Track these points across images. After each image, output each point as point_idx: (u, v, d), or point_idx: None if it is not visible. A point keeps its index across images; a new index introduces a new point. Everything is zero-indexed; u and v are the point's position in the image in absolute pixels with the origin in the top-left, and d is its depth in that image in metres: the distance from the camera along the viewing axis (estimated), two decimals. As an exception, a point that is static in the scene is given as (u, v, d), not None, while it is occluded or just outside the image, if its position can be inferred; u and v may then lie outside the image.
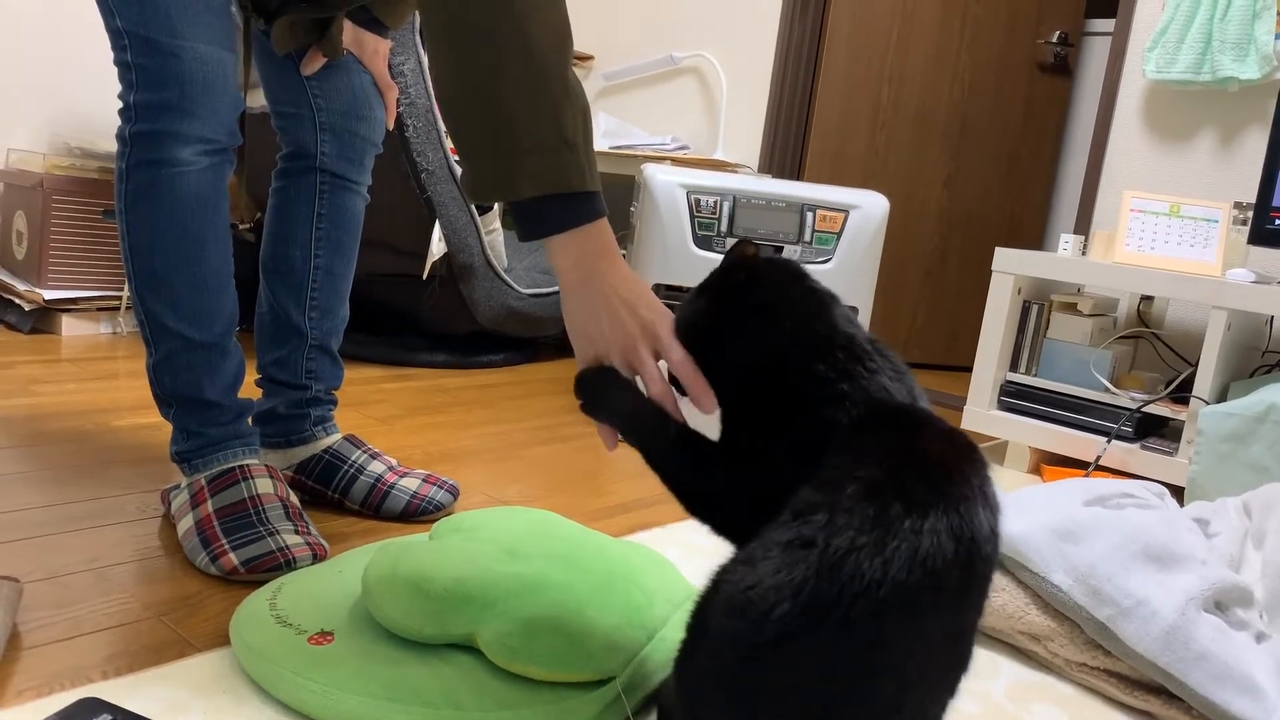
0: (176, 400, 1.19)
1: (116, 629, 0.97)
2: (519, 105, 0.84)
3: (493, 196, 0.87)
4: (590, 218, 0.87)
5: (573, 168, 0.86)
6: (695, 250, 1.87)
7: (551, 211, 0.86)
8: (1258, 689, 0.97)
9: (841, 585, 0.63)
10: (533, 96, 0.84)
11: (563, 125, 0.85)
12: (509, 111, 0.84)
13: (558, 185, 0.85)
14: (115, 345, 2.28)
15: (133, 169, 1.10)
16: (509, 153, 0.85)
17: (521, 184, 0.85)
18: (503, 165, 0.85)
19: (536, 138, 0.84)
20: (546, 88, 0.85)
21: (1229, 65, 2.19)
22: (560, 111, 0.85)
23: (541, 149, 0.84)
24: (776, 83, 3.02)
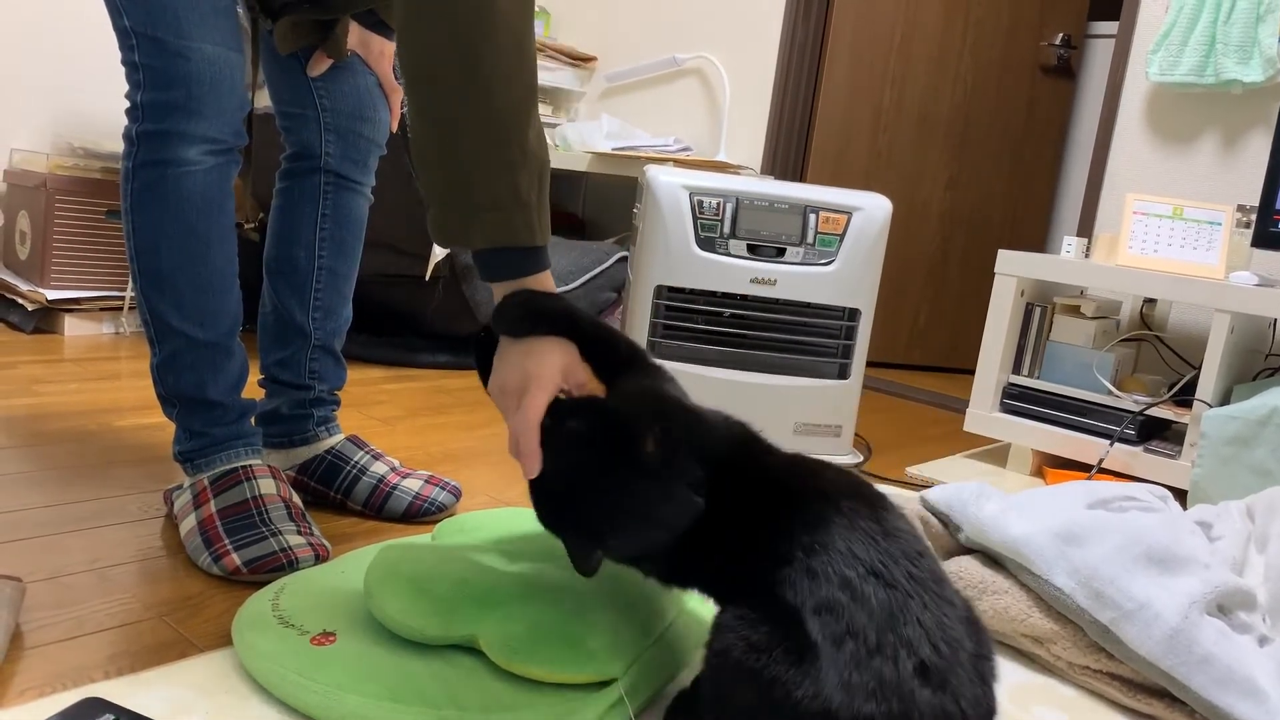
0: (180, 400, 1.19)
1: (119, 629, 0.97)
2: (477, 164, 0.92)
3: (450, 243, 0.96)
4: (534, 270, 0.96)
5: (522, 225, 0.94)
6: (698, 252, 1.87)
7: (501, 262, 0.96)
8: (1260, 692, 0.97)
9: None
10: (491, 157, 0.92)
11: (517, 185, 0.93)
12: (468, 169, 0.92)
13: (508, 240, 0.94)
14: (118, 345, 2.28)
15: (139, 168, 1.10)
16: (465, 206, 0.93)
17: (474, 235, 0.94)
18: (459, 216, 0.94)
19: (492, 195, 0.93)
20: (505, 149, 0.92)
21: (1232, 68, 2.19)
22: (516, 172, 0.93)
23: (496, 206, 0.93)
24: (779, 84, 3.02)
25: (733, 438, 0.93)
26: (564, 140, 3.05)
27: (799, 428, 1.94)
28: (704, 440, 0.90)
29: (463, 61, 0.90)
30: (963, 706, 0.73)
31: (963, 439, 2.22)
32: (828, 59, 2.99)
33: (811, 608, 0.75)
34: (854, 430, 2.00)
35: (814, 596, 0.76)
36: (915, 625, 0.74)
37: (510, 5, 0.91)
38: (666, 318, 1.91)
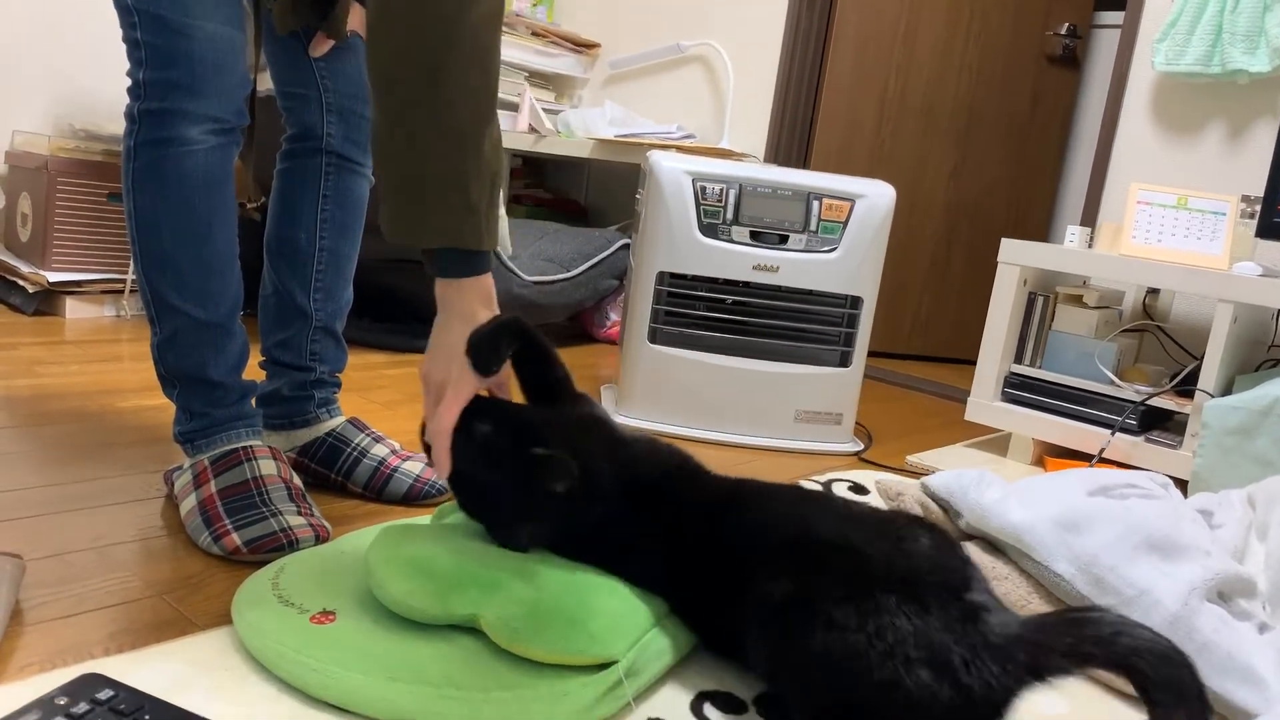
0: (180, 380, 1.19)
1: (119, 607, 0.97)
2: (432, 170, 0.96)
3: (400, 238, 1.00)
4: (478, 271, 1.02)
5: (470, 229, 0.99)
6: (701, 238, 1.86)
7: (448, 261, 1.01)
8: (1260, 679, 0.97)
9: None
10: (446, 165, 0.96)
11: (468, 192, 0.97)
12: (423, 173, 0.96)
13: (455, 242, 0.99)
14: (119, 328, 2.28)
15: (140, 147, 1.10)
16: (418, 207, 0.98)
17: (426, 235, 0.99)
18: (413, 214, 0.98)
19: (444, 200, 0.97)
20: (460, 159, 0.97)
21: (1239, 58, 2.18)
22: (468, 179, 0.97)
23: (447, 210, 0.97)
24: (783, 73, 3.01)
25: (662, 465, 1.04)
26: (566, 126, 3.04)
27: (800, 415, 1.94)
28: (627, 466, 1.01)
29: (427, 70, 0.94)
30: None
31: (963, 428, 2.21)
32: (832, 47, 2.98)
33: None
34: (855, 418, 2.00)
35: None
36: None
37: (479, 18, 0.95)
38: (668, 304, 1.91)
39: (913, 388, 2.74)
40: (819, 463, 1.85)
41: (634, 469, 1.01)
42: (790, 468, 1.79)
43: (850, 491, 1.65)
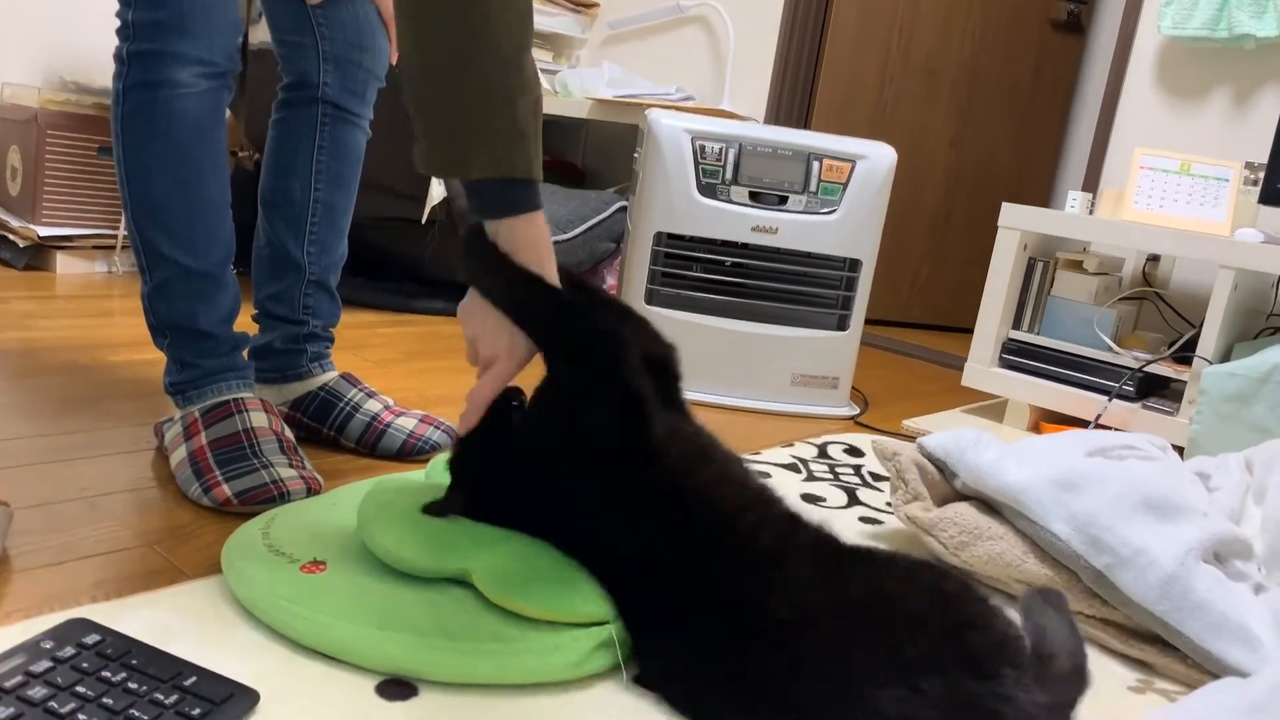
0: (171, 330, 1.17)
1: (107, 555, 0.96)
2: (478, 95, 0.89)
3: (443, 173, 0.94)
4: (530, 207, 0.93)
5: (520, 155, 0.91)
6: (699, 198, 1.84)
7: (496, 195, 0.92)
8: (1254, 639, 0.97)
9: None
10: (491, 87, 0.89)
11: (516, 115, 0.90)
12: (467, 99, 0.89)
13: (505, 170, 0.91)
14: (111, 284, 2.26)
15: (130, 89, 1.08)
16: (464, 137, 0.91)
17: (472, 166, 0.91)
18: (457, 147, 0.91)
19: (490, 123, 0.90)
20: (505, 79, 0.90)
21: (1246, 22, 2.15)
22: (515, 102, 0.90)
23: (494, 134, 0.90)
24: (784, 34, 2.97)
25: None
26: (564, 87, 3.01)
27: (796, 378, 1.93)
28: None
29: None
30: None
31: (960, 394, 2.21)
32: (834, 9, 2.94)
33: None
34: (851, 383, 1.99)
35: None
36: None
37: None
38: (666, 265, 1.89)
39: (910, 354, 2.73)
40: (815, 426, 1.84)
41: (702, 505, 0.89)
42: (786, 430, 1.78)
43: (846, 454, 1.65)
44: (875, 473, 1.56)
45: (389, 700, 0.78)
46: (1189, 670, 0.98)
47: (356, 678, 0.80)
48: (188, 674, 0.74)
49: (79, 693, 0.69)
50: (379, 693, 0.79)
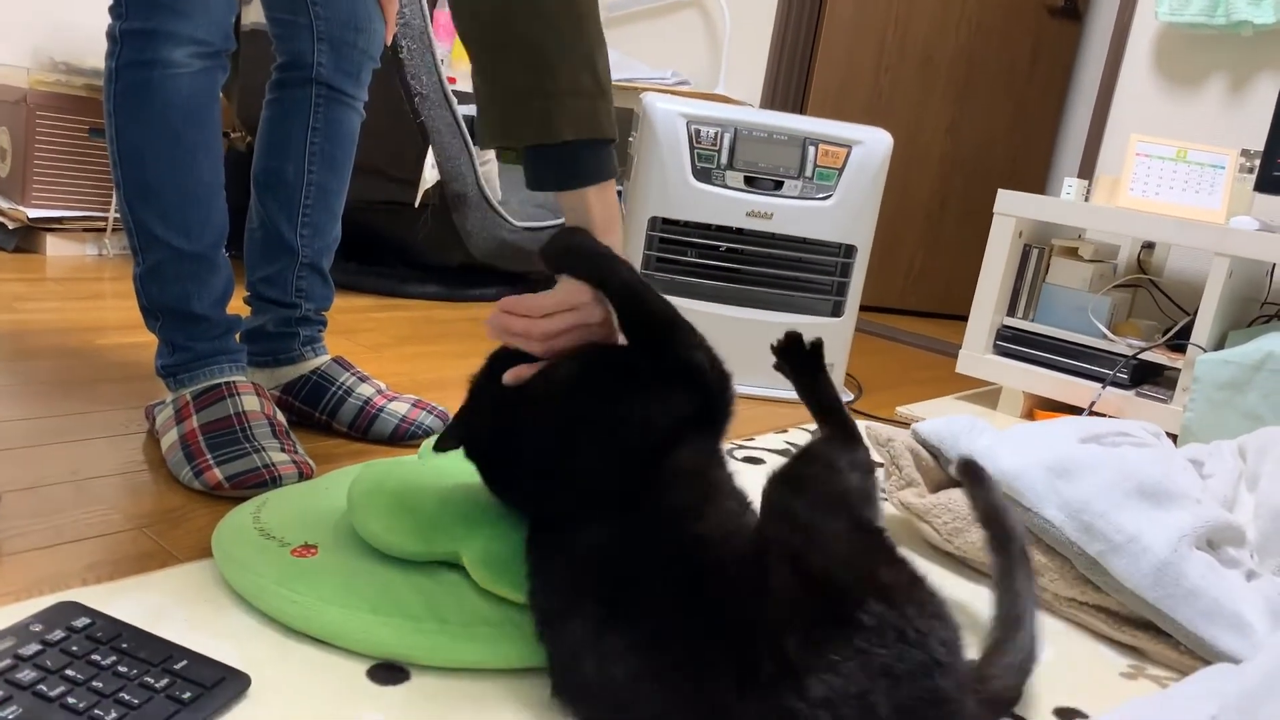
0: (163, 312, 1.16)
1: (98, 539, 0.95)
2: (561, 49, 0.84)
3: (526, 138, 0.86)
4: (612, 172, 0.89)
5: (605, 115, 0.86)
6: (694, 183, 1.83)
7: (586, 159, 0.87)
8: (1246, 626, 0.97)
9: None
10: (574, 41, 0.84)
11: (598, 72, 0.86)
12: (551, 54, 0.84)
13: (594, 131, 0.86)
14: (101, 267, 2.24)
15: (122, 69, 1.06)
16: (550, 94, 0.84)
17: (561, 127, 0.85)
18: (542, 106, 0.84)
19: (577, 82, 0.84)
20: (584, 32, 0.85)
21: (1244, 8, 2.14)
22: (595, 58, 0.86)
23: (580, 93, 0.85)
24: (781, 19, 2.96)
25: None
26: (559, 71, 2.99)
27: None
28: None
29: None
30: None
31: (954, 382, 2.21)
32: (831, -6, 2.92)
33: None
34: (846, 369, 1.99)
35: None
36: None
37: None
38: (660, 250, 1.88)
39: (904, 341, 2.73)
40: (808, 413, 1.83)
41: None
42: (780, 416, 1.78)
43: (840, 440, 1.64)
44: (869, 459, 1.56)
45: (380, 684, 0.78)
46: (1181, 656, 0.98)
47: (348, 661, 0.80)
48: (178, 657, 0.73)
49: (68, 676, 0.69)
50: (370, 676, 0.79)
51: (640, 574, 0.75)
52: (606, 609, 0.73)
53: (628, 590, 0.74)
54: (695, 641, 0.69)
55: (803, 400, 0.99)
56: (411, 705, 0.76)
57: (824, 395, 0.97)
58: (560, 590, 0.77)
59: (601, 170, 0.88)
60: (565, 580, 0.77)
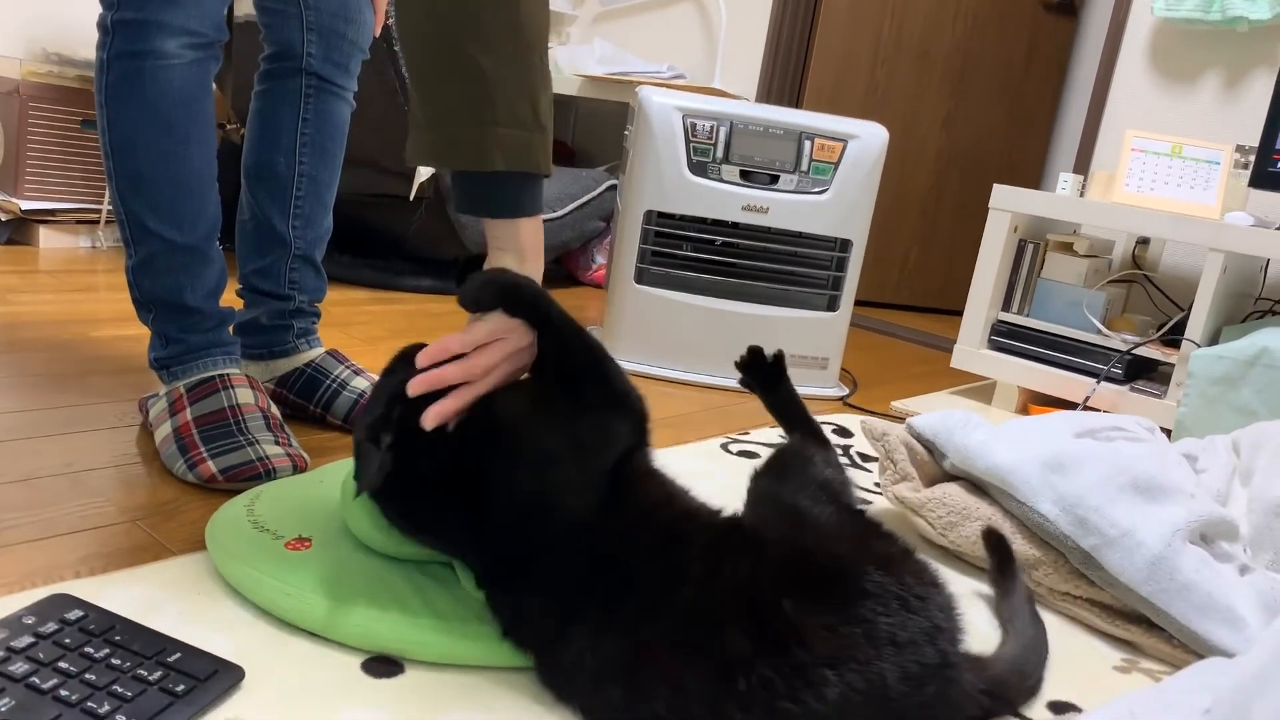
0: (156, 304, 1.16)
1: (91, 531, 0.95)
2: (503, 80, 0.86)
3: (458, 164, 0.88)
4: (539, 208, 0.90)
5: (541, 151, 0.88)
6: (690, 177, 1.83)
7: (516, 191, 0.89)
8: (1239, 620, 0.97)
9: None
10: (517, 74, 0.86)
11: (539, 107, 0.87)
12: (492, 85, 0.85)
13: (527, 164, 0.87)
14: (94, 259, 2.23)
15: (114, 59, 1.06)
16: (486, 123, 0.86)
17: (495, 156, 0.86)
18: (478, 134, 0.86)
19: (515, 114, 0.86)
20: (529, 66, 0.87)
21: (1239, 4, 2.14)
22: (538, 94, 0.87)
23: (518, 125, 0.87)
24: (776, 13, 2.95)
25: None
26: (554, 64, 2.98)
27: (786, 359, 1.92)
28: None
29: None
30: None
31: (949, 376, 2.21)
32: (827, -12, 2.92)
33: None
34: (840, 364, 1.99)
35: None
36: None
37: None
38: (655, 244, 1.88)
39: (899, 336, 2.73)
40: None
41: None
42: (775, 410, 1.78)
43: (834, 434, 1.65)
44: (864, 453, 1.56)
45: (375, 677, 0.78)
46: (1174, 650, 0.98)
47: (342, 654, 0.80)
48: (172, 650, 0.73)
49: (61, 668, 0.69)
50: (365, 670, 0.79)
51: (634, 560, 0.76)
52: (612, 602, 0.74)
53: (626, 579, 0.75)
54: (702, 612, 0.71)
55: (770, 412, 1.02)
56: (406, 699, 0.76)
57: (789, 405, 1.00)
58: (558, 600, 0.77)
59: (531, 204, 0.90)
60: (560, 591, 0.77)
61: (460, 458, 0.82)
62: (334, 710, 0.73)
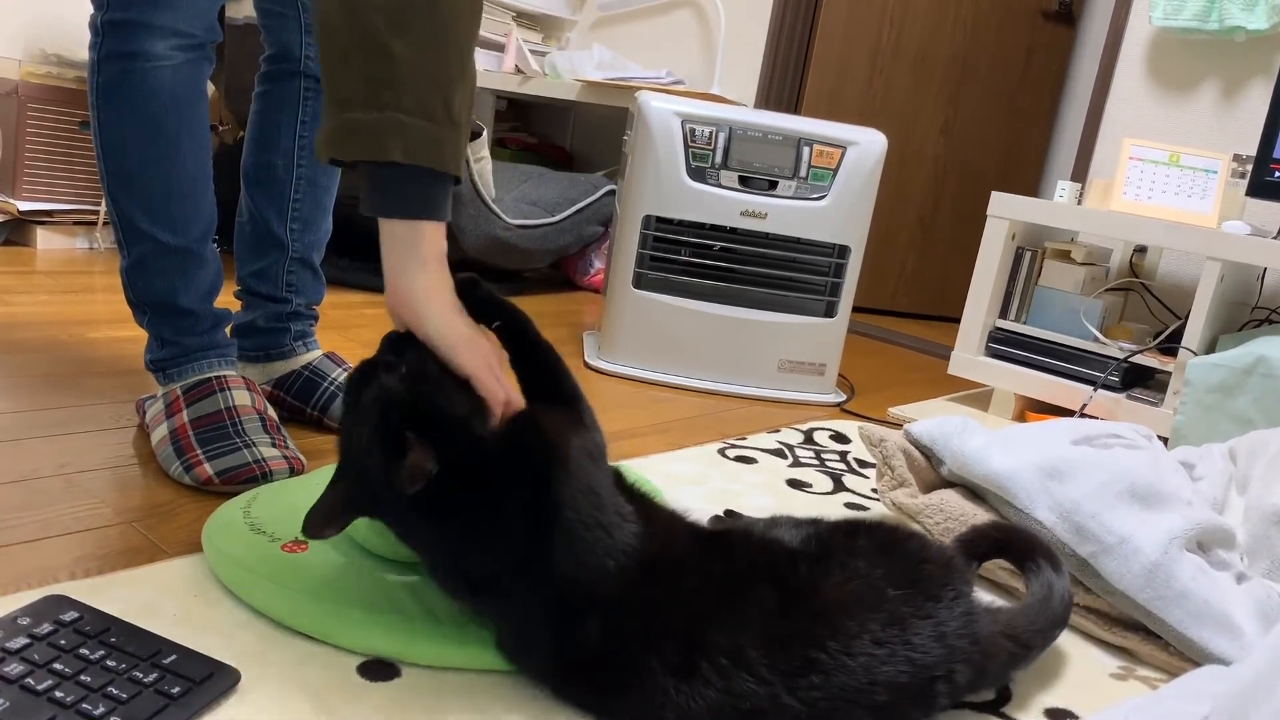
0: (150, 306, 1.16)
1: (86, 533, 0.95)
2: (414, 65, 0.78)
3: (351, 152, 0.79)
4: (442, 213, 0.82)
5: (450, 147, 0.80)
6: (688, 182, 1.83)
7: (411, 190, 0.80)
8: (1236, 628, 0.97)
9: None
10: (430, 60, 0.79)
11: (451, 100, 0.80)
12: (400, 68, 0.77)
13: (432, 160, 0.79)
14: (92, 260, 2.23)
15: (105, 61, 1.05)
16: (386, 107, 0.77)
17: (391, 145, 0.78)
18: (376, 120, 0.78)
19: (423, 103, 0.78)
20: (446, 58, 0.80)
21: (1237, 14, 2.15)
22: (453, 86, 0.80)
23: (426, 116, 0.78)
24: (775, 20, 2.96)
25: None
26: (553, 68, 2.98)
27: (783, 365, 1.93)
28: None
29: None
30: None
31: (946, 383, 2.21)
32: (826, -5, 2.92)
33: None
34: (838, 370, 1.99)
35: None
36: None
37: None
38: (654, 249, 1.88)
39: (896, 343, 2.73)
40: (801, 412, 1.84)
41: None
42: (772, 416, 1.78)
43: (832, 440, 1.65)
44: (861, 459, 1.56)
45: (371, 680, 0.78)
46: (1171, 658, 0.98)
47: (338, 657, 0.80)
48: (167, 652, 0.73)
49: (56, 670, 0.68)
50: (361, 673, 0.78)
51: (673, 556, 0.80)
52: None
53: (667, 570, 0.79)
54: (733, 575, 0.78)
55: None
56: (402, 702, 0.75)
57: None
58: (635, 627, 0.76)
59: (438, 207, 0.81)
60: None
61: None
62: (330, 713, 0.73)
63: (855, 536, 0.86)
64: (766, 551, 0.83)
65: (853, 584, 0.79)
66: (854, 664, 0.73)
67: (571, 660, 0.76)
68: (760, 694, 0.71)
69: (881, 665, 0.74)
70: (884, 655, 0.74)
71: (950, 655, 0.78)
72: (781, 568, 0.80)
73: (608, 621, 0.74)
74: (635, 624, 0.75)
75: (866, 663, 0.74)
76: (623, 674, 0.74)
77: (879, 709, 0.74)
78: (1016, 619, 0.88)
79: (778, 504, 1.30)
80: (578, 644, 0.75)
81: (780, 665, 0.72)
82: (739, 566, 0.80)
